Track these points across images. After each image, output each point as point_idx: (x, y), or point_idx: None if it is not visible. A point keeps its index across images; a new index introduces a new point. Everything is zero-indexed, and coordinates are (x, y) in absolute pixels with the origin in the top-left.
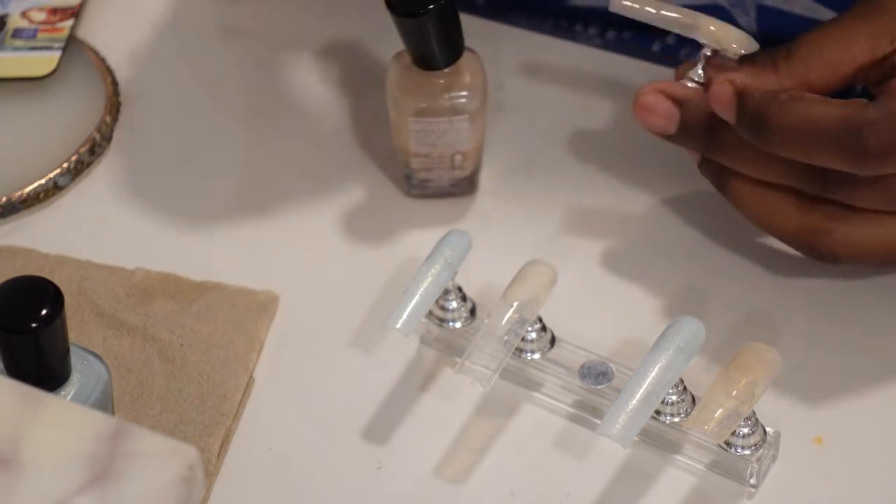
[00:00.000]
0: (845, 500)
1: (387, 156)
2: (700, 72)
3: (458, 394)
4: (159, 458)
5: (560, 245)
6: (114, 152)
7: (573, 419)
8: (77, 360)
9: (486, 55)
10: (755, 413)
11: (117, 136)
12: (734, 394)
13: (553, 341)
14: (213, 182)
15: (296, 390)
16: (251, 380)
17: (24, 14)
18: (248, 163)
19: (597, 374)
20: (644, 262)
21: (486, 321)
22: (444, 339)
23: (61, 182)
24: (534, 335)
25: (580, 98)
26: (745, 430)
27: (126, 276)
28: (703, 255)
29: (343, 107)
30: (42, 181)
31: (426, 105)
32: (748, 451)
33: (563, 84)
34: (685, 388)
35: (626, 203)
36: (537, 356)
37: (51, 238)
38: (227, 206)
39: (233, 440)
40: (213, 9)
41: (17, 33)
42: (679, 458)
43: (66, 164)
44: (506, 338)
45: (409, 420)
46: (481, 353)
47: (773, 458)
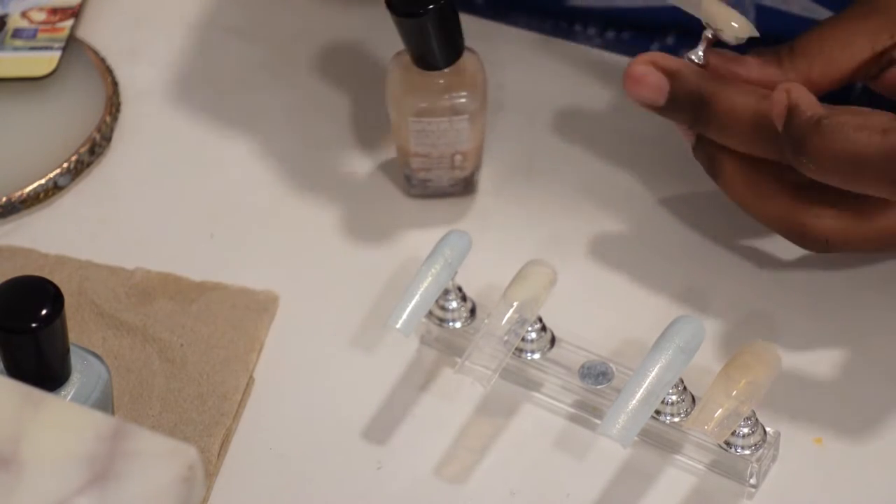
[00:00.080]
0: (845, 500)
1: (387, 156)
2: (700, 53)
3: (458, 394)
4: (159, 458)
5: (560, 245)
6: (114, 152)
7: (573, 419)
8: (77, 360)
9: (486, 55)
10: (755, 413)
11: (117, 136)
12: (734, 394)
13: (553, 341)
14: (213, 182)
15: (296, 390)
16: (251, 380)
17: (24, 14)
18: (247, 162)
19: (597, 374)
20: (644, 262)
21: (486, 321)
22: (444, 339)
23: (61, 182)
24: (534, 335)
25: (580, 98)
26: (745, 430)
27: (126, 276)
28: (703, 255)
29: (343, 107)
30: (42, 181)
31: (426, 105)
32: (748, 451)
33: (563, 84)
34: (685, 388)
35: (626, 203)
36: (537, 356)
37: (51, 238)
38: (227, 206)
39: (233, 440)
40: (213, 9)
41: (17, 33)
42: (679, 458)
43: (66, 164)
44: (506, 338)
45: (409, 420)
46: (481, 353)
47: (773, 458)
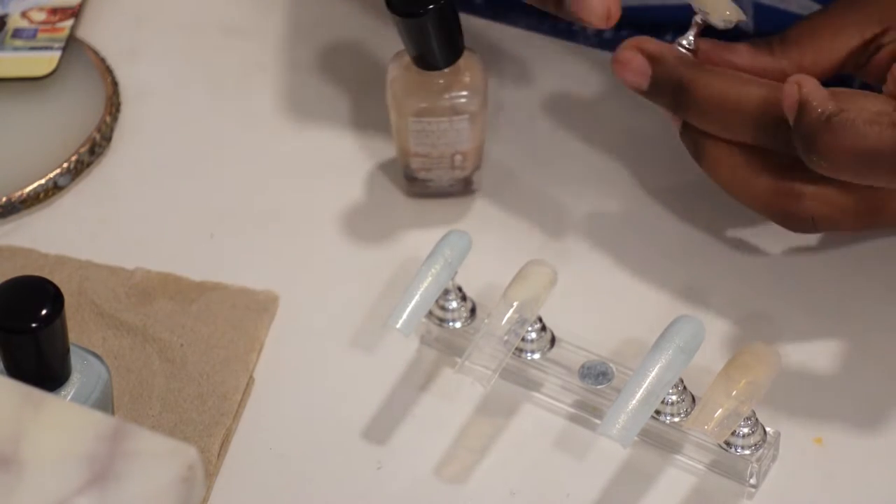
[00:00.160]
0: (845, 500)
1: (387, 156)
2: (691, 38)
3: (458, 394)
4: (159, 458)
5: (560, 245)
6: (114, 152)
7: (573, 419)
8: (77, 360)
9: (486, 55)
10: (755, 413)
11: (117, 136)
12: (734, 394)
13: (553, 341)
14: (213, 182)
15: (296, 390)
16: (251, 380)
17: (24, 14)
18: (247, 162)
19: (597, 374)
20: (644, 262)
21: (486, 321)
22: (444, 339)
23: (61, 182)
24: (534, 335)
25: (580, 98)
26: (745, 430)
27: (126, 276)
28: (704, 254)
29: (343, 107)
30: (42, 181)
31: (426, 105)
32: (748, 451)
33: (563, 84)
34: (685, 388)
35: (626, 203)
36: (537, 356)
37: (51, 238)
38: (227, 206)
39: (233, 440)
40: (213, 9)
41: (17, 33)
42: (679, 458)
43: (66, 164)
44: (506, 338)
45: (409, 420)
46: (481, 353)
47: (773, 458)
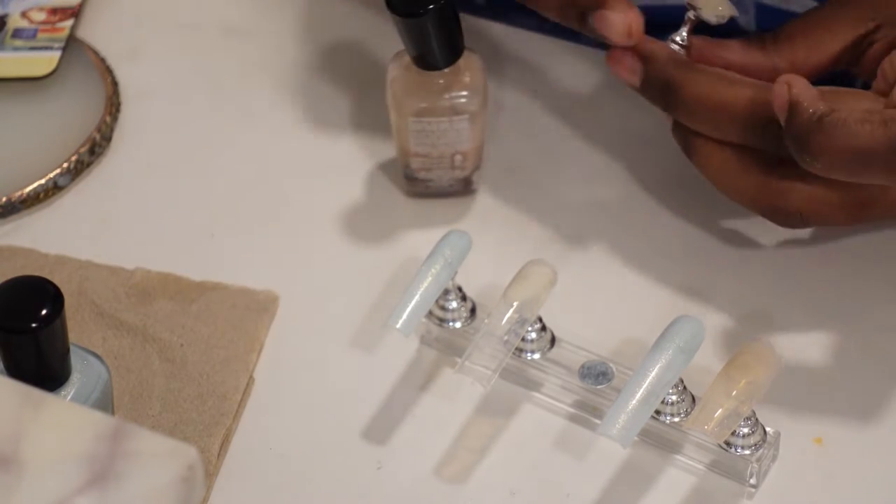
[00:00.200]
0: (845, 500)
1: (387, 156)
2: (684, 34)
3: (458, 394)
4: (159, 458)
5: (560, 245)
6: (114, 152)
7: (573, 419)
8: (77, 360)
9: (486, 55)
10: (755, 413)
11: (117, 136)
12: (734, 394)
13: (553, 341)
14: (213, 182)
15: (296, 390)
16: (251, 380)
17: (24, 14)
18: (247, 162)
19: (597, 374)
20: (644, 262)
21: (486, 321)
22: (444, 339)
23: (61, 182)
24: (534, 335)
25: (580, 98)
26: (745, 430)
27: (126, 276)
28: (703, 254)
29: (343, 107)
30: (42, 181)
31: (426, 105)
32: (748, 451)
33: (563, 84)
34: (685, 388)
35: (626, 203)
36: (537, 356)
37: (51, 238)
38: (227, 206)
39: (233, 440)
40: (213, 9)
41: (17, 33)
42: (679, 458)
43: (66, 164)
44: (506, 338)
45: (409, 420)
46: (481, 353)
47: (773, 458)
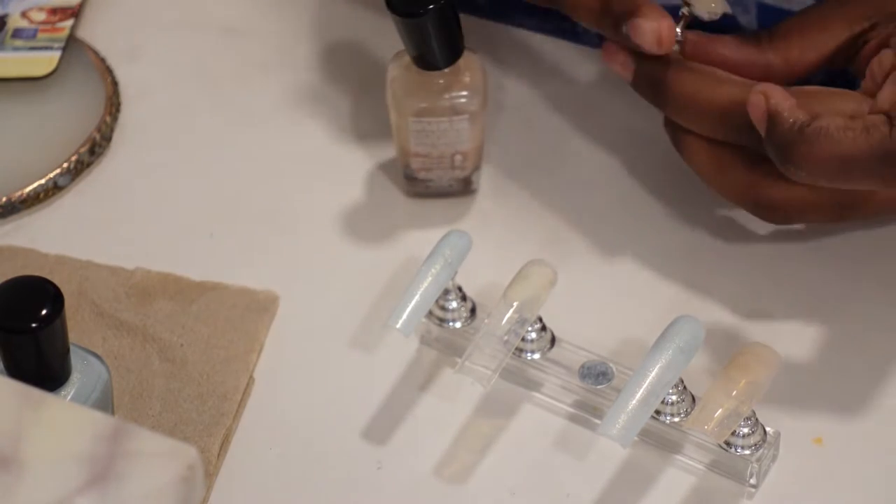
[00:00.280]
0: (845, 499)
1: (387, 156)
2: (678, 30)
3: (458, 394)
4: (159, 458)
5: (560, 245)
6: (114, 152)
7: (573, 419)
8: (77, 360)
9: (486, 55)
10: (755, 413)
11: (117, 136)
12: (734, 394)
13: (553, 341)
14: (213, 182)
15: (296, 390)
16: (251, 380)
17: (24, 14)
18: (247, 162)
19: (597, 374)
20: (644, 262)
21: (486, 321)
22: (444, 339)
23: (61, 182)
24: (534, 335)
25: (580, 98)
26: (745, 430)
27: (126, 276)
28: (703, 254)
29: (343, 107)
30: (42, 181)
31: (426, 105)
32: (748, 451)
33: (563, 84)
34: (685, 388)
35: (626, 203)
36: (537, 356)
37: (51, 238)
38: (227, 206)
39: (233, 440)
40: (213, 9)
41: (17, 33)
42: (679, 458)
43: (66, 164)
44: (506, 338)
45: (409, 420)
46: (481, 353)
47: (773, 458)
